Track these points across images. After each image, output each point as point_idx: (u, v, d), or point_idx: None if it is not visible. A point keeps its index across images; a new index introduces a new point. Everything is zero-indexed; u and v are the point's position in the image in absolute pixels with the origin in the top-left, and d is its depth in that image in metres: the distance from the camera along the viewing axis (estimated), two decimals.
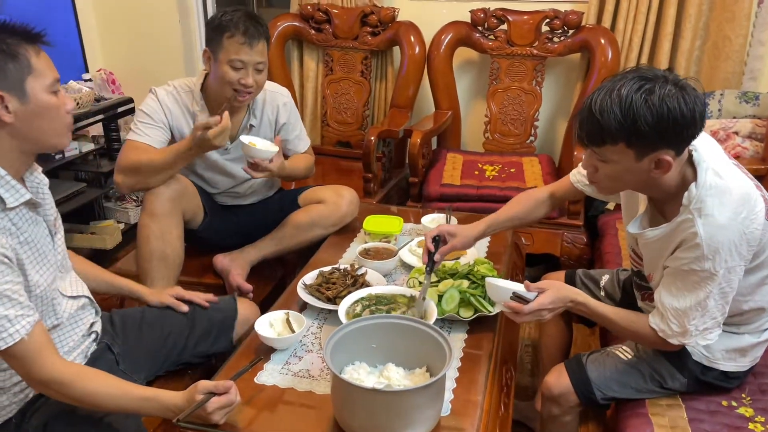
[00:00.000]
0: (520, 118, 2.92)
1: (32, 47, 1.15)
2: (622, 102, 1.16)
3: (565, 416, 1.48)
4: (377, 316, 1.33)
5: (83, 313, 1.35)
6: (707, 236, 1.22)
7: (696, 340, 1.32)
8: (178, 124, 1.89)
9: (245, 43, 1.75)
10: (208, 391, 1.16)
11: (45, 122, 1.17)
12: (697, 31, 2.71)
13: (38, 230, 1.23)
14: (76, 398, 1.17)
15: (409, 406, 1.13)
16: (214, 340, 1.58)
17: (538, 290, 1.38)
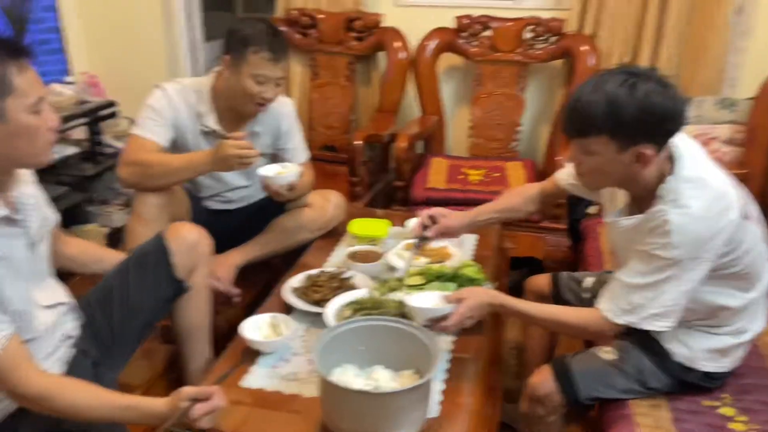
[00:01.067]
0: (503, 124, 2.95)
1: (16, 64, 1.10)
2: (608, 95, 1.21)
3: (549, 417, 1.50)
4: (365, 318, 1.34)
5: (61, 320, 1.33)
6: (678, 225, 1.25)
7: (642, 323, 1.33)
8: (184, 124, 1.88)
9: (271, 59, 1.76)
10: (191, 398, 1.15)
11: (23, 142, 1.13)
12: (676, 39, 2.75)
13: (15, 244, 1.19)
14: (57, 410, 1.15)
15: (396, 407, 1.14)
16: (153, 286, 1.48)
17: (456, 300, 1.41)
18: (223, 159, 1.69)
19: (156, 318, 1.54)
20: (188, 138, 1.91)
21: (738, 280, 1.38)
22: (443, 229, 1.69)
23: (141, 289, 1.46)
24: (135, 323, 1.46)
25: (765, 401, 1.44)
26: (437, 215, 1.70)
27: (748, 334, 1.45)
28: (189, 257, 1.53)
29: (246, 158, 1.70)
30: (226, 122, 1.92)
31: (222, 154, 1.69)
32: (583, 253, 2.26)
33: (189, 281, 1.54)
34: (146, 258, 1.49)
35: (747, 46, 2.79)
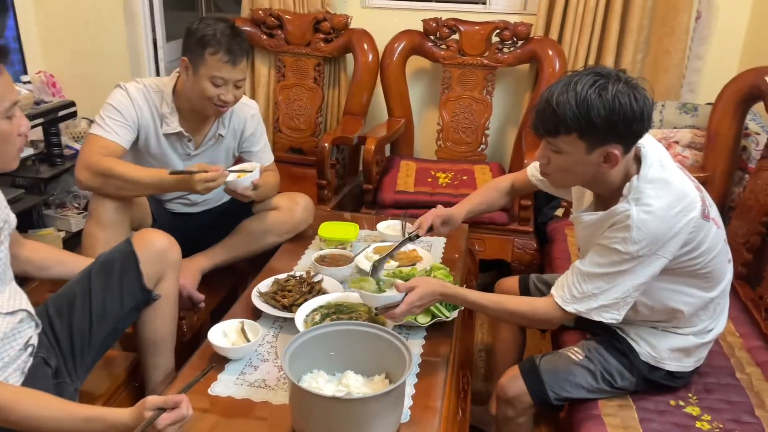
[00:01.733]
0: (471, 127, 2.97)
1: None
2: (578, 95, 1.23)
3: (519, 418, 1.50)
4: (335, 323, 1.32)
5: (21, 327, 1.27)
6: (639, 221, 1.28)
7: (591, 313, 1.35)
8: (146, 124, 1.83)
9: (229, 61, 1.73)
10: (157, 407, 1.11)
11: None
12: (638, 45, 2.82)
13: None
14: (16, 423, 1.10)
15: (369, 413, 1.12)
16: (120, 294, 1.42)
17: (407, 289, 1.41)
18: (191, 189, 1.71)
19: (121, 327, 1.47)
20: (151, 139, 1.86)
21: (699, 279, 1.41)
22: (447, 218, 1.72)
23: (105, 297, 1.40)
24: (98, 332, 1.40)
25: (728, 400, 1.48)
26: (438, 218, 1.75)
27: (711, 333, 1.48)
28: (157, 265, 1.48)
29: (212, 181, 1.69)
30: (189, 123, 1.88)
31: (192, 188, 1.69)
32: (550, 255, 2.28)
33: (156, 290, 1.49)
34: (112, 265, 1.43)
35: (705, 52, 2.87)
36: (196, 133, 1.91)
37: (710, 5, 2.80)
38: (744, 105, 2.26)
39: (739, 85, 2.25)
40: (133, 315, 1.48)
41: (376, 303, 1.41)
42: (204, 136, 1.92)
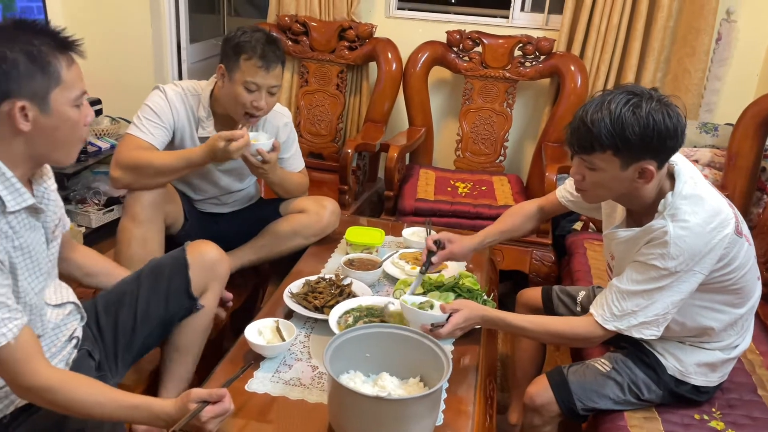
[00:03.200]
0: (490, 138, 3.00)
1: (65, 57, 1.11)
2: (612, 113, 1.26)
3: (545, 427, 1.52)
4: (374, 326, 1.34)
5: (68, 320, 1.30)
6: (676, 236, 1.31)
7: (631, 330, 1.38)
8: (182, 127, 1.86)
9: (262, 66, 1.76)
10: (201, 400, 1.14)
11: (61, 134, 1.13)
12: (659, 64, 2.86)
13: (35, 236, 1.18)
14: (62, 405, 1.12)
15: (410, 414, 1.14)
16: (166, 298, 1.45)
17: (452, 311, 1.45)
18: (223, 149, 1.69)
19: (163, 331, 1.49)
20: (186, 142, 1.89)
21: (731, 295, 1.43)
22: (449, 256, 1.72)
23: (151, 299, 1.44)
24: (140, 332, 1.43)
25: (751, 416, 1.49)
26: (444, 240, 1.72)
27: (737, 349, 1.50)
28: (205, 275, 1.51)
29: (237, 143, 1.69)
30: (226, 128, 1.90)
31: (214, 146, 1.69)
32: (570, 267, 2.31)
33: (200, 301, 1.50)
34: (163, 269, 1.47)
35: (724, 73, 2.91)
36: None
37: (731, 28, 2.85)
38: (764, 127, 2.29)
39: (760, 107, 2.29)
40: (175, 320, 1.49)
41: (421, 320, 1.43)
42: None
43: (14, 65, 1.05)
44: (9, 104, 1.07)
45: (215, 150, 1.69)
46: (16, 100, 1.06)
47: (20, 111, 1.07)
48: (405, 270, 1.84)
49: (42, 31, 1.11)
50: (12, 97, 1.06)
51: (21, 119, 1.08)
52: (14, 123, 1.08)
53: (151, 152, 1.77)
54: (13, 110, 1.07)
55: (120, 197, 3.05)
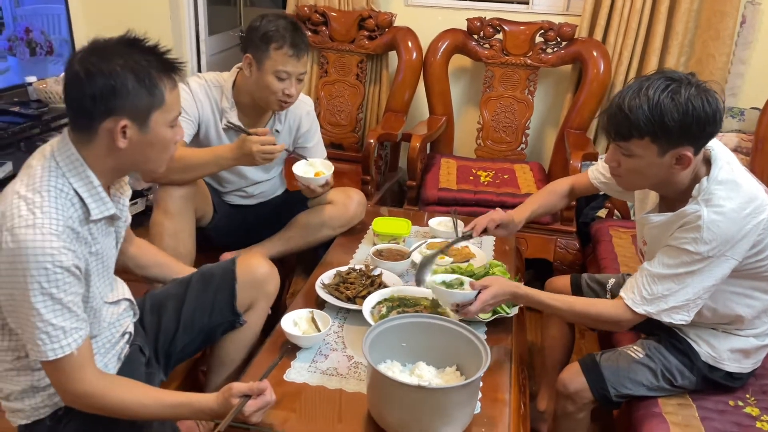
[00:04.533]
0: (512, 126, 2.99)
1: (170, 80, 1.13)
2: (650, 100, 1.26)
3: (579, 413, 1.53)
4: (410, 316, 1.35)
5: (122, 316, 1.33)
6: (709, 221, 1.30)
7: (661, 314, 1.37)
8: (206, 119, 1.88)
9: (293, 55, 1.78)
10: (243, 394, 1.16)
11: (154, 152, 1.16)
12: (683, 48, 2.83)
13: (108, 242, 1.21)
14: (107, 409, 1.15)
15: (450, 403, 1.15)
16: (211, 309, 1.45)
17: (481, 287, 1.44)
18: (247, 154, 1.72)
19: (204, 340, 1.49)
20: (211, 133, 1.90)
21: (763, 281, 1.43)
22: (505, 221, 1.71)
23: (196, 308, 1.45)
24: (181, 339, 1.44)
25: None
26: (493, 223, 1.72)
27: None
28: (253, 291, 1.50)
29: (269, 153, 1.73)
30: (248, 118, 1.92)
31: (246, 150, 1.71)
32: (595, 255, 2.30)
33: (245, 316, 1.50)
34: (211, 279, 1.48)
35: (749, 56, 2.87)
36: (254, 127, 1.95)
37: (755, 10, 2.80)
38: None
39: None
40: (218, 332, 1.49)
41: (450, 299, 1.44)
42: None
43: (124, 84, 1.07)
44: (112, 122, 1.09)
45: (243, 150, 1.72)
46: (120, 119, 1.09)
47: (121, 129, 1.09)
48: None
49: (151, 50, 1.12)
50: (116, 114, 1.08)
51: (120, 137, 1.10)
52: (113, 140, 1.10)
53: (182, 148, 1.78)
54: (115, 128, 1.09)
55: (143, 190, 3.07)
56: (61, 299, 1.06)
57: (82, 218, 1.12)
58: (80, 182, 1.12)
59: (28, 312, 1.05)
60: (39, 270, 1.03)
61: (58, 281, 1.05)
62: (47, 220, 1.05)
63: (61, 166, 1.11)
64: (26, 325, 1.06)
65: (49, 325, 1.06)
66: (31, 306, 1.04)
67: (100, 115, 1.09)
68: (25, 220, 1.04)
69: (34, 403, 1.20)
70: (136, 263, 1.50)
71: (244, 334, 1.52)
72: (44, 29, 2.75)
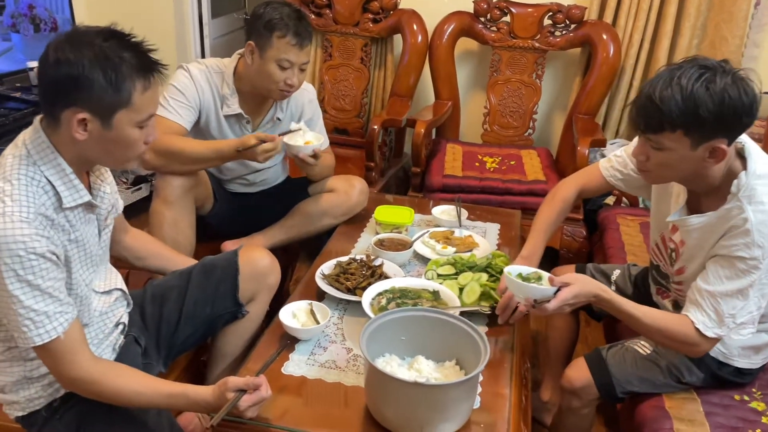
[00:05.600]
0: (519, 111, 2.94)
1: (141, 81, 1.08)
2: (683, 90, 1.18)
3: (584, 409, 1.51)
4: (409, 309, 1.33)
5: (115, 306, 1.32)
6: (758, 222, 1.24)
7: (731, 333, 1.32)
8: (207, 106, 1.85)
9: (296, 44, 1.74)
10: (238, 389, 1.14)
11: (117, 150, 1.13)
12: (695, 30, 2.76)
13: (89, 229, 1.19)
14: (104, 395, 1.15)
15: (448, 399, 1.14)
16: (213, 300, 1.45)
17: (561, 284, 1.36)
18: (250, 156, 1.71)
19: (206, 332, 1.49)
20: (211, 120, 1.88)
21: None
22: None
23: (198, 299, 1.44)
24: (183, 330, 1.44)
25: None
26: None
27: None
28: (254, 283, 1.50)
29: (272, 151, 1.71)
30: (249, 106, 1.89)
31: (251, 141, 1.69)
32: (602, 243, 2.27)
33: (246, 308, 1.50)
34: (213, 270, 1.47)
35: (762, 39, 2.80)
36: (254, 116, 1.92)
37: None
38: None
39: None
40: (219, 323, 1.49)
41: (528, 293, 1.34)
42: (262, 119, 1.94)
43: (88, 77, 1.03)
44: (70, 113, 1.06)
45: (245, 146, 1.69)
46: (79, 111, 1.06)
47: (79, 122, 1.07)
48: (436, 249, 1.82)
49: (130, 47, 1.08)
50: (76, 106, 1.05)
51: (78, 129, 1.07)
52: (70, 131, 1.07)
53: (184, 140, 1.76)
54: (72, 120, 1.06)
55: (147, 176, 3.06)
56: (39, 285, 1.05)
57: (56, 205, 1.10)
58: (52, 170, 1.10)
59: (9, 300, 1.04)
60: (12, 258, 1.02)
61: (33, 267, 1.04)
62: (17, 207, 1.03)
63: (32, 154, 1.09)
64: (9, 313, 1.06)
65: (31, 311, 1.05)
66: (9, 294, 1.04)
67: (61, 103, 1.06)
68: None
69: (28, 394, 1.20)
70: (133, 254, 1.48)
71: (245, 325, 1.52)
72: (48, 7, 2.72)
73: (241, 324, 1.50)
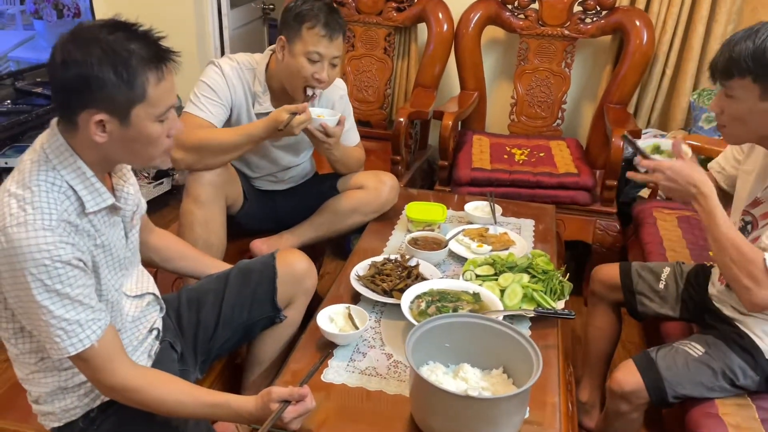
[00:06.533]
0: (547, 101, 2.86)
1: (155, 73, 1.03)
2: (756, 40, 1.24)
3: (632, 413, 1.46)
4: (453, 315, 1.28)
5: (147, 311, 1.28)
6: None
7: None
8: (239, 103, 1.80)
9: (326, 36, 1.68)
10: (282, 399, 1.11)
11: (139, 148, 1.08)
12: (730, 16, 2.66)
13: (115, 232, 1.15)
14: (146, 404, 1.11)
15: (500, 412, 1.09)
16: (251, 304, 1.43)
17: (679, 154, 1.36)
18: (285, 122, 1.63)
19: (243, 336, 1.46)
20: (243, 118, 1.83)
21: None
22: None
23: (236, 303, 1.41)
24: (221, 334, 1.41)
25: None
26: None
27: None
28: (292, 287, 1.47)
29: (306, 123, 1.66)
30: (280, 103, 1.83)
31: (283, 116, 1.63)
32: (639, 239, 2.20)
33: (284, 312, 1.47)
34: (250, 274, 1.44)
35: None
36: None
37: None
38: None
39: None
40: (257, 328, 1.46)
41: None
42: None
43: (99, 76, 0.99)
44: (86, 115, 1.01)
45: (278, 123, 1.63)
46: (95, 113, 1.01)
47: (97, 123, 1.02)
48: (471, 248, 1.77)
49: (137, 38, 1.02)
50: (90, 108, 1.01)
51: (97, 131, 1.03)
52: (89, 134, 1.03)
53: (212, 130, 1.71)
54: (89, 122, 1.02)
55: (169, 170, 3.03)
56: (68, 294, 1.01)
57: (79, 210, 1.06)
58: (72, 174, 1.05)
59: (38, 311, 1.01)
60: (38, 267, 0.98)
61: (60, 276, 1.00)
62: (39, 215, 0.99)
63: (51, 158, 1.04)
64: (39, 324, 1.02)
65: (62, 320, 1.01)
66: (38, 305, 1.00)
67: (76, 107, 1.01)
68: (16, 218, 0.98)
69: (64, 405, 1.17)
70: (160, 256, 1.44)
71: (282, 330, 1.48)
72: None
73: (278, 329, 1.47)
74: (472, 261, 1.66)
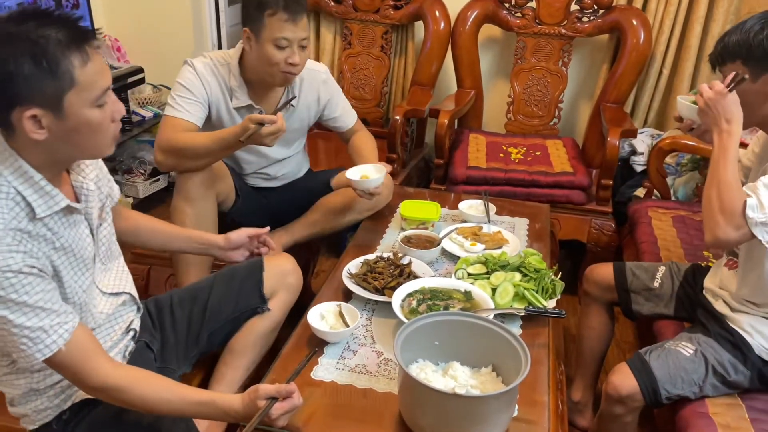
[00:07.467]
0: (544, 100, 2.86)
1: (78, 55, 0.98)
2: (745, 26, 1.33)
3: (627, 416, 1.46)
4: (443, 313, 1.28)
5: (123, 310, 1.27)
6: None
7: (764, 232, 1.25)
8: (216, 99, 1.80)
9: (288, 19, 1.66)
10: (269, 396, 1.10)
11: (84, 138, 1.03)
12: (728, 16, 2.65)
13: (76, 232, 1.11)
14: (131, 403, 1.11)
15: (488, 410, 1.09)
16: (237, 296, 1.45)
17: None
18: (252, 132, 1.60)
19: (230, 332, 1.47)
20: (222, 114, 1.83)
21: None
22: None
23: (223, 297, 1.44)
24: (207, 327, 1.43)
25: None
26: None
27: None
28: (277, 281, 1.51)
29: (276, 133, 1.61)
30: (259, 95, 1.84)
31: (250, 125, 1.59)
32: (634, 238, 2.20)
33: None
34: (237, 271, 1.49)
35: None
36: (266, 104, 1.87)
37: None
38: None
39: None
40: (241, 320, 1.48)
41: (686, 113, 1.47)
42: (274, 107, 1.87)
43: (18, 70, 0.94)
44: (18, 113, 0.97)
45: (247, 133, 1.60)
46: (26, 109, 0.97)
47: (31, 120, 0.98)
48: (464, 246, 1.77)
49: (50, 22, 0.97)
50: (20, 105, 0.97)
51: (33, 128, 0.98)
52: (26, 132, 0.99)
53: (188, 135, 1.70)
54: (22, 120, 0.97)
55: None
56: (26, 302, 0.98)
57: (31, 216, 1.02)
58: (19, 179, 1.01)
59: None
60: None
61: (14, 285, 0.97)
62: None
63: None
64: (3, 335, 1.00)
65: (24, 329, 0.99)
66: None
67: (6, 107, 0.97)
68: None
69: (34, 406, 1.16)
70: (131, 236, 1.43)
71: (262, 322, 1.49)
72: None
73: (257, 320, 1.48)
74: (465, 260, 1.65)
